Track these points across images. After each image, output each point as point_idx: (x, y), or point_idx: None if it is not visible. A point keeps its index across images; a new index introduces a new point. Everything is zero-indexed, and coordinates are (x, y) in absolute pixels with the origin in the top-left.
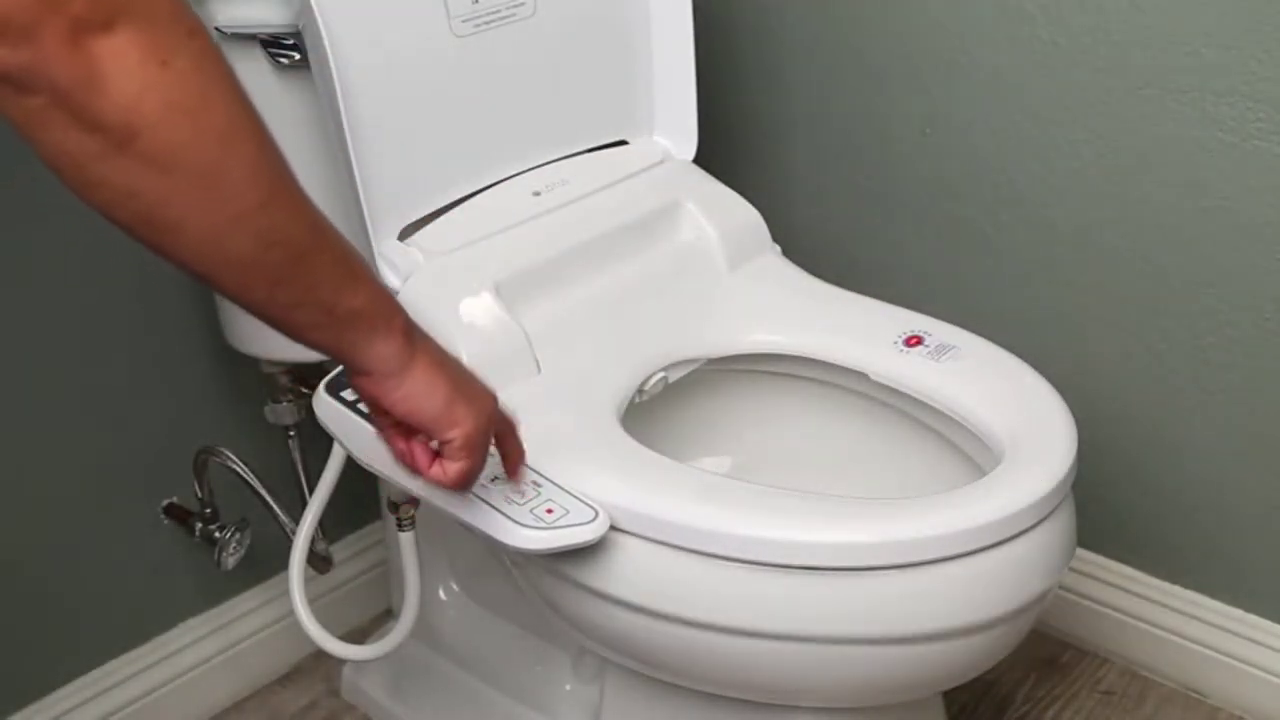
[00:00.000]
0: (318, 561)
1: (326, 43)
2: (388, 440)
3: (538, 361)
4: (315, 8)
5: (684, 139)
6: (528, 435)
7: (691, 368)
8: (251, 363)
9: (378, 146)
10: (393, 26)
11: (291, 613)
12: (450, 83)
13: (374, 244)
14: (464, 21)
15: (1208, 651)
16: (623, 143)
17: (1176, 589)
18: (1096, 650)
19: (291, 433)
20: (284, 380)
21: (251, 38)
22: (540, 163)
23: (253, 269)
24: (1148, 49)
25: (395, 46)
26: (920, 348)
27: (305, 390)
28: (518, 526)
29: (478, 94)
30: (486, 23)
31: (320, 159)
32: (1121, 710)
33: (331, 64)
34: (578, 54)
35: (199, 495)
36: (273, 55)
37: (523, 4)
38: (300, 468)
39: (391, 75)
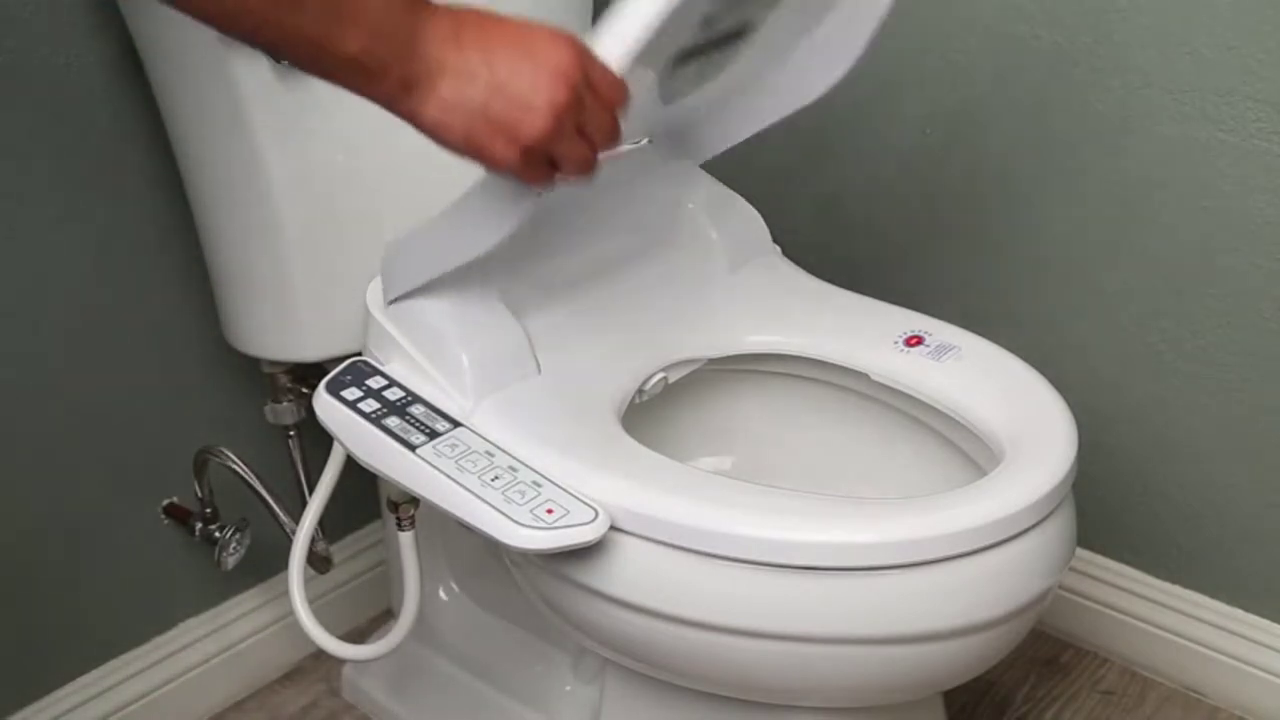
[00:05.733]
0: (318, 561)
1: None
2: None
3: (538, 362)
4: None
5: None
6: (528, 435)
7: (691, 368)
8: (251, 363)
9: None
10: None
11: (291, 613)
12: None
13: None
14: None
15: (1208, 651)
16: None
17: (1176, 589)
18: (1096, 650)
19: (291, 433)
20: (284, 380)
21: None
22: None
23: (229, 7)
24: (1148, 49)
25: None
26: (920, 348)
27: (305, 390)
28: (518, 526)
29: None
30: None
31: (322, 159)
32: (1121, 710)
33: None
34: None
35: (199, 495)
36: (273, 56)
37: None
38: (300, 468)
39: None
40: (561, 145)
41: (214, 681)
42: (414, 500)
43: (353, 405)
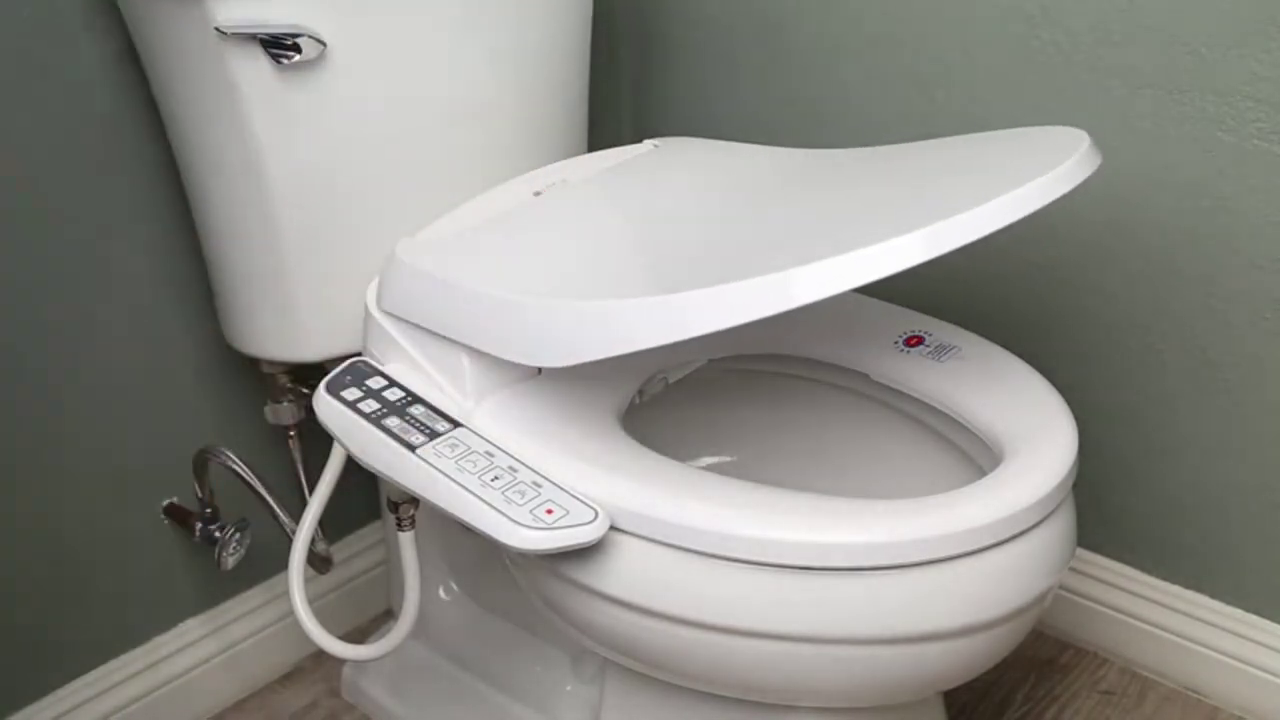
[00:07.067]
0: (318, 561)
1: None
2: None
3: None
4: None
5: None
6: (528, 435)
7: (691, 368)
8: (251, 363)
9: None
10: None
11: (291, 613)
12: None
13: None
14: None
15: (1208, 651)
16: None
17: (1176, 589)
18: (1096, 650)
19: (291, 433)
20: (284, 380)
21: (251, 38)
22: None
23: None
24: (1148, 49)
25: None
26: (920, 348)
27: (305, 390)
28: (518, 526)
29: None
30: None
31: (322, 159)
32: (1121, 710)
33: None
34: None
35: (199, 495)
36: (273, 55)
37: None
38: (300, 468)
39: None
40: None
41: (214, 681)
42: (414, 500)
43: (352, 405)
